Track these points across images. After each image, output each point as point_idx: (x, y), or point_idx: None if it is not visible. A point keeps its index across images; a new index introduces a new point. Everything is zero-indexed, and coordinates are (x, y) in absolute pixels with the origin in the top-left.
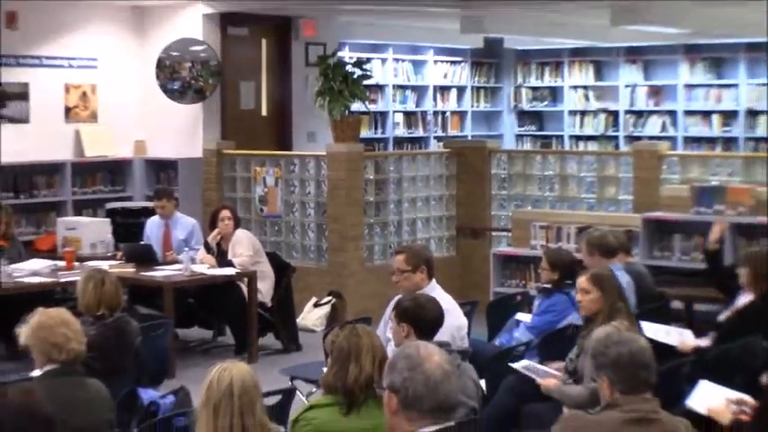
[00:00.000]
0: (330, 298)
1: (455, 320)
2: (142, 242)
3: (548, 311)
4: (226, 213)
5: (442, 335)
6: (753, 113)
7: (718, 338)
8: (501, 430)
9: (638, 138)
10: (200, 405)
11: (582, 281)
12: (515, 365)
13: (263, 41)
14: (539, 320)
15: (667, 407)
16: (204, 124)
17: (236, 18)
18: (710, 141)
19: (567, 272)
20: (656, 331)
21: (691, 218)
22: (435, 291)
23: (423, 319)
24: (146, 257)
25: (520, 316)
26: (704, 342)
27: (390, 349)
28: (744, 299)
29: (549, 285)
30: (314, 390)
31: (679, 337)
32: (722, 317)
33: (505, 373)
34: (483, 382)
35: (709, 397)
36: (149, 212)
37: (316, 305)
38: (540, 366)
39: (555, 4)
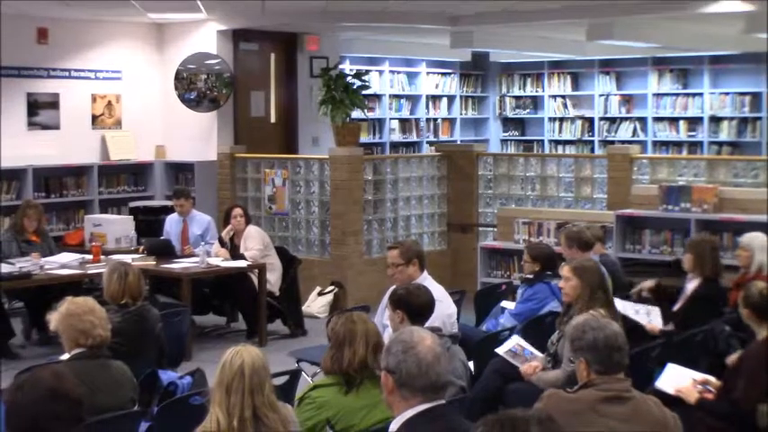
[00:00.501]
0: (333, 287)
1: (446, 308)
2: (162, 237)
3: (530, 299)
4: (238, 211)
5: (434, 321)
6: (716, 120)
7: (677, 326)
8: (487, 408)
9: (612, 142)
10: (215, 385)
11: (564, 270)
12: (499, 350)
13: (272, 55)
14: (522, 308)
15: (639, 386)
16: (218, 130)
17: (247, 34)
18: (677, 145)
19: (547, 264)
20: (625, 308)
21: (659, 215)
22: (427, 281)
23: (414, 306)
24: (165, 251)
25: (504, 303)
26: (668, 327)
27: (387, 334)
28: (690, 284)
29: (531, 276)
30: (318, 371)
31: (646, 316)
32: (676, 307)
33: (492, 355)
34: (471, 364)
35: (676, 378)
36: (169, 210)
37: (320, 294)
38: (527, 346)
39: (537, 21)
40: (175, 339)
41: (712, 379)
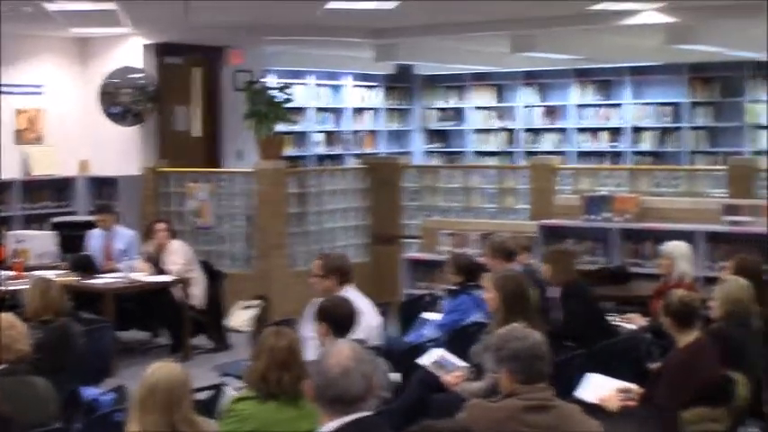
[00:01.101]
0: (257, 301)
1: (371, 320)
2: (85, 253)
3: (454, 311)
4: (161, 226)
5: (359, 333)
6: (637, 130)
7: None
8: (411, 419)
9: (535, 153)
10: (132, 402)
11: (484, 281)
12: (422, 361)
13: (196, 69)
14: (446, 319)
15: (562, 396)
16: (142, 145)
17: (172, 48)
18: (599, 155)
19: (470, 275)
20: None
21: (582, 224)
22: (351, 294)
23: (338, 318)
24: (88, 267)
25: (426, 315)
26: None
27: (311, 347)
28: (552, 293)
29: (454, 287)
30: (241, 385)
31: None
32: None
33: (416, 366)
34: (397, 375)
35: (597, 387)
36: (92, 225)
37: (244, 308)
38: (450, 358)
39: (460, 34)
40: (98, 355)
41: (634, 387)
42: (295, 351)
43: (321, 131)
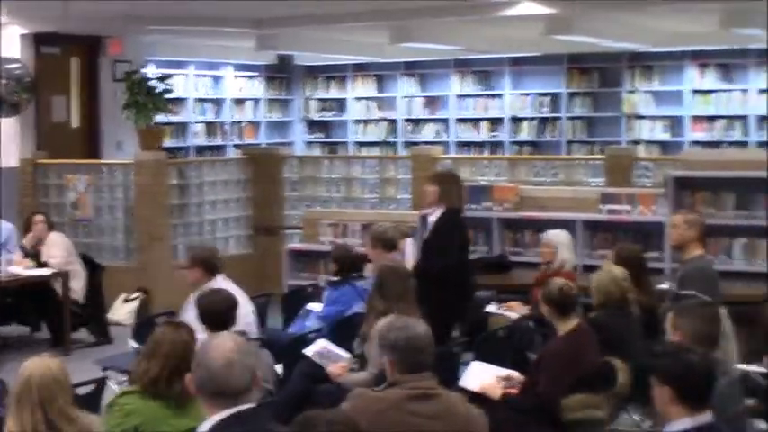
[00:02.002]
0: (138, 294)
1: (242, 309)
2: None
3: (336, 302)
4: (38, 218)
5: (238, 326)
6: (516, 120)
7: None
8: (295, 410)
9: (416, 143)
10: (9, 399)
11: (367, 271)
12: (308, 350)
13: (75, 59)
14: (328, 310)
15: (446, 384)
16: (20, 136)
17: (49, 38)
18: (479, 145)
19: (351, 266)
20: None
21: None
22: (220, 284)
23: (210, 314)
24: None
25: (310, 305)
26: None
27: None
28: (432, 216)
29: (336, 278)
30: (124, 379)
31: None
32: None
33: (300, 357)
34: (280, 367)
35: (480, 375)
36: None
37: (125, 300)
38: (333, 348)
39: (340, 24)
40: None
41: (515, 374)
42: (190, 357)
43: (201, 122)
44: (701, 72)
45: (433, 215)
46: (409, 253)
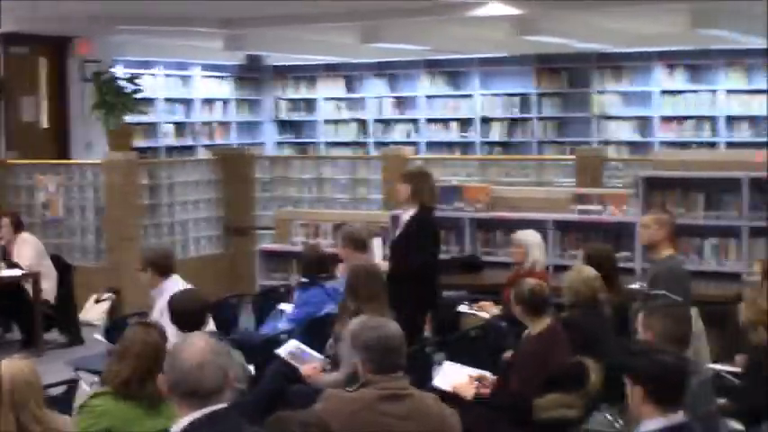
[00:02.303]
0: (109, 294)
1: None
2: None
3: (306, 304)
4: (5, 220)
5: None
6: (486, 120)
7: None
8: (268, 410)
9: (386, 144)
10: None
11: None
12: (280, 351)
13: (43, 59)
14: (298, 312)
15: (419, 385)
16: None
17: (17, 38)
18: (450, 146)
19: (318, 266)
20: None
21: None
22: (174, 284)
23: (182, 315)
24: None
25: (282, 306)
26: None
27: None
28: (406, 215)
29: (305, 280)
30: (96, 380)
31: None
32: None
33: (271, 358)
34: (252, 367)
35: (452, 375)
36: None
37: (96, 301)
38: (306, 349)
39: (310, 24)
40: None
41: (487, 374)
42: (162, 357)
43: (171, 122)
44: (669, 73)
45: (406, 214)
46: (377, 253)
